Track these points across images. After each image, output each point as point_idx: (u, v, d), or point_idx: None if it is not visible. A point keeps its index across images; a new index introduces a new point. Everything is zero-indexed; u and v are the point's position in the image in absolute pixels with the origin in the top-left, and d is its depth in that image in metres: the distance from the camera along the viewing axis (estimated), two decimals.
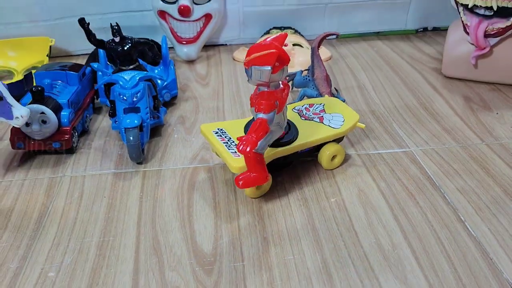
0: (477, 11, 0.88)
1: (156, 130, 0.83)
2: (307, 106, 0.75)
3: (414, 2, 1.21)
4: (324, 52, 1.13)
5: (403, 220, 0.61)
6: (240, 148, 0.56)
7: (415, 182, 0.68)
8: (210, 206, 0.65)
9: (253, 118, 0.60)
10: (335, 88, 0.95)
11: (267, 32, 1.17)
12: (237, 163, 0.63)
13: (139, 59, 0.84)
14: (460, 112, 0.87)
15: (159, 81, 0.87)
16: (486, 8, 0.86)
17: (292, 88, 0.94)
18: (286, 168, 0.71)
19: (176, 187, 0.69)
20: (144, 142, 0.74)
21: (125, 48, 0.79)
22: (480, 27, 0.88)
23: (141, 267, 0.55)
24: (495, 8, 0.84)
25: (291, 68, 0.99)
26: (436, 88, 0.96)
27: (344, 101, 0.88)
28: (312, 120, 0.72)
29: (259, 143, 0.57)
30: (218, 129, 0.70)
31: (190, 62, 1.13)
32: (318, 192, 0.67)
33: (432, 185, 0.68)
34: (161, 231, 0.61)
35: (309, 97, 0.84)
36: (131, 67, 0.79)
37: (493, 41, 0.90)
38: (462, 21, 0.91)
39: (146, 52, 0.90)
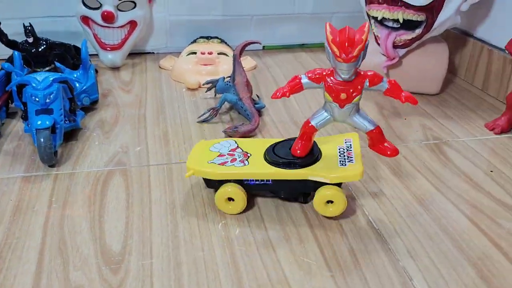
0: (386, 23, 0.94)
1: (72, 134, 0.81)
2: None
3: (336, 17, 1.27)
4: (249, 61, 1.16)
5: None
6: (416, 102, 0.58)
7: None
8: (123, 207, 0.64)
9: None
10: (256, 95, 0.98)
11: (194, 41, 1.19)
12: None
13: (57, 63, 0.83)
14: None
15: (77, 84, 0.85)
16: (394, 20, 0.92)
17: (215, 95, 0.95)
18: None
19: (89, 189, 0.67)
20: (56, 144, 0.72)
21: (39, 49, 0.77)
22: (389, 39, 0.94)
23: (44, 268, 0.53)
24: (401, 21, 0.91)
25: (215, 75, 1.01)
26: None
27: (264, 107, 0.91)
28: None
29: (369, 119, 0.61)
30: None
31: (115, 69, 1.12)
32: None
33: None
34: (69, 232, 0.59)
35: (229, 101, 0.86)
36: (46, 69, 0.78)
37: (401, 52, 0.96)
38: (374, 33, 0.98)
39: (65, 56, 0.89)
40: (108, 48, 1.10)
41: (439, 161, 0.78)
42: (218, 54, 1.10)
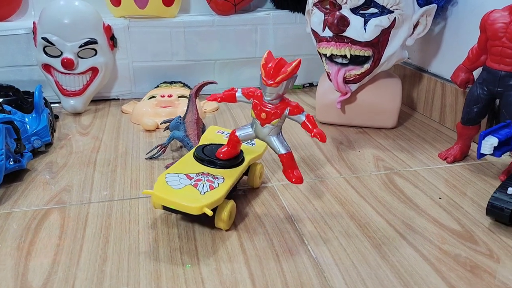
0: (335, 60, 0.96)
1: (18, 175, 0.80)
2: None
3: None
4: (211, 104, 1.17)
5: (249, 249, 0.62)
6: (325, 140, 0.62)
7: (268, 212, 0.70)
8: (54, 244, 0.62)
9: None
10: None
11: (157, 86, 1.20)
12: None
13: (5, 106, 0.83)
14: (326, 152, 0.91)
15: (27, 126, 0.86)
16: (342, 56, 0.94)
17: (168, 130, 0.95)
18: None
19: (22, 227, 0.66)
20: None
21: None
22: (339, 74, 0.95)
23: None
24: (349, 56, 0.93)
25: (173, 116, 1.01)
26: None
27: None
28: None
29: (285, 143, 0.66)
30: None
31: (77, 114, 1.13)
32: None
33: (285, 214, 0.70)
34: None
35: (177, 138, 0.86)
36: None
37: (354, 87, 0.98)
38: (325, 70, 0.99)
39: (18, 100, 0.90)
40: (70, 94, 1.11)
41: (387, 190, 0.77)
42: (179, 97, 1.11)
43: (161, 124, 1.00)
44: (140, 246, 0.62)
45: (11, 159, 0.77)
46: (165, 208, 0.63)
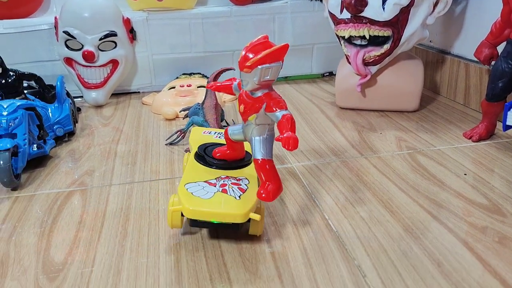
0: (354, 42, 0.95)
1: (41, 161, 0.81)
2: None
3: (316, 49, 1.29)
4: None
5: (267, 222, 0.61)
6: (291, 148, 0.48)
7: (289, 191, 0.69)
8: (75, 222, 0.63)
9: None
10: (232, 120, 0.98)
11: (177, 78, 1.21)
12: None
13: (29, 95, 0.85)
14: (347, 134, 0.90)
15: (50, 114, 0.88)
16: (361, 37, 0.93)
17: (187, 118, 0.95)
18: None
19: (45, 208, 0.67)
20: (18, 167, 0.73)
21: (9, 80, 0.80)
22: (358, 56, 0.94)
23: None
24: (367, 37, 0.91)
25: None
26: (330, 117, 1.00)
27: None
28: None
29: (267, 147, 0.54)
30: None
31: (98, 107, 1.14)
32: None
33: (305, 192, 0.69)
34: (15, 246, 0.58)
35: (195, 123, 0.86)
36: (17, 99, 0.80)
37: (373, 69, 0.96)
38: (345, 53, 0.98)
39: (43, 92, 0.92)
40: (92, 87, 1.13)
41: (410, 168, 0.75)
42: (198, 87, 1.12)
43: (180, 112, 1.00)
44: (160, 223, 0.62)
45: (34, 145, 0.78)
46: (194, 224, 0.55)
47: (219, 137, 0.69)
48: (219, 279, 0.51)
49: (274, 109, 0.52)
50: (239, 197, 0.55)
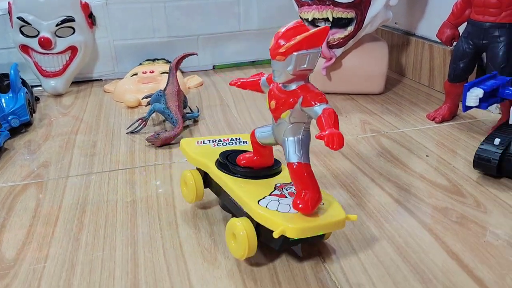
0: (318, 24, 0.93)
1: None
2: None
3: None
4: (196, 79, 1.15)
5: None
6: (335, 147, 0.41)
7: None
8: (29, 216, 0.60)
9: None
10: (196, 106, 0.96)
11: (140, 64, 1.18)
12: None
13: None
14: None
15: (3, 105, 0.84)
16: (324, 20, 0.91)
17: (148, 105, 0.93)
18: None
19: None
20: None
21: None
22: None
23: None
24: (331, 19, 0.90)
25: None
26: None
27: (197, 116, 0.89)
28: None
29: (303, 150, 0.46)
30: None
31: (58, 96, 1.10)
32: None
33: None
34: None
35: (157, 110, 0.84)
36: None
37: (338, 52, 0.95)
38: None
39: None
40: (50, 75, 1.09)
41: (374, 151, 0.75)
42: (161, 73, 1.09)
43: (142, 99, 0.98)
44: (118, 214, 0.60)
45: None
46: (285, 244, 0.48)
47: (217, 145, 0.60)
48: (177, 270, 0.49)
49: (313, 103, 0.44)
50: (322, 202, 0.48)
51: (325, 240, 0.53)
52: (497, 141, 0.63)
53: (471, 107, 0.68)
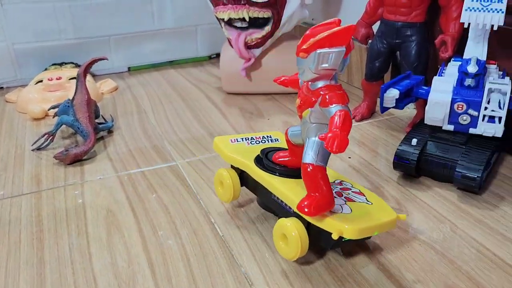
0: (234, 24, 0.91)
1: None
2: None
3: (200, 30, 1.23)
4: (109, 83, 1.08)
5: (148, 232, 0.56)
6: (335, 149, 0.39)
7: (172, 193, 0.64)
8: None
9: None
10: (110, 115, 0.90)
11: (46, 70, 1.08)
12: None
13: None
14: (234, 123, 0.87)
15: None
16: (241, 20, 0.89)
17: (56, 116, 0.85)
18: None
19: None
20: None
21: None
22: (240, 39, 0.90)
23: None
24: (247, 19, 0.88)
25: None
26: (216, 104, 0.96)
27: (110, 127, 0.83)
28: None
29: (320, 152, 0.44)
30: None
31: None
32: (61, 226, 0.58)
33: (190, 193, 0.64)
34: None
35: (65, 123, 0.77)
36: None
37: (257, 52, 0.93)
38: (226, 37, 0.94)
39: None
40: None
41: None
42: (70, 79, 1.00)
43: (49, 110, 0.89)
44: (22, 249, 0.53)
45: None
46: (335, 244, 0.47)
47: (250, 143, 0.59)
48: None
49: (329, 103, 0.43)
50: (370, 202, 0.48)
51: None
52: (414, 141, 0.64)
53: (388, 108, 0.68)
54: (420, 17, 0.74)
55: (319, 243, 0.48)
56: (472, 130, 0.63)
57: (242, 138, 0.60)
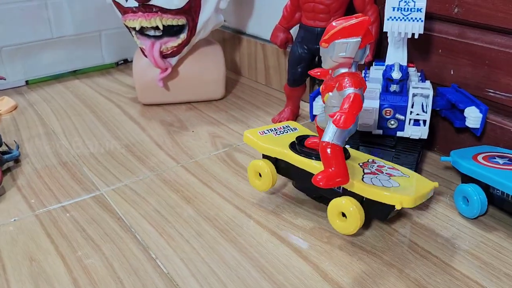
0: (147, 33, 0.85)
1: None
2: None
3: (105, 36, 1.15)
4: (6, 102, 0.96)
5: (83, 281, 0.50)
6: (341, 125, 0.46)
7: (103, 229, 0.58)
8: None
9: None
10: (14, 141, 0.80)
11: None
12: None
13: None
14: (157, 139, 0.82)
15: None
16: (154, 28, 0.83)
17: None
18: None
19: None
20: None
21: None
22: (155, 49, 0.85)
23: None
24: (161, 28, 0.83)
25: None
26: (134, 118, 0.90)
27: (17, 156, 0.74)
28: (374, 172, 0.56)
29: (337, 132, 0.49)
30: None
31: None
32: None
33: (123, 227, 0.59)
34: None
35: None
36: None
37: (173, 60, 0.88)
38: (139, 46, 0.88)
39: None
40: None
41: (230, 170, 0.71)
42: None
43: None
44: None
45: None
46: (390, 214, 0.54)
47: (277, 134, 0.63)
48: None
49: (345, 86, 0.48)
50: (407, 175, 0.55)
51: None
52: (347, 147, 0.65)
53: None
54: None
55: (375, 217, 0.57)
56: (400, 133, 0.65)
57: (268, 130, 0.64)
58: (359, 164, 0.57)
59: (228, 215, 0.61)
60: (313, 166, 0.56)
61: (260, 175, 0.61)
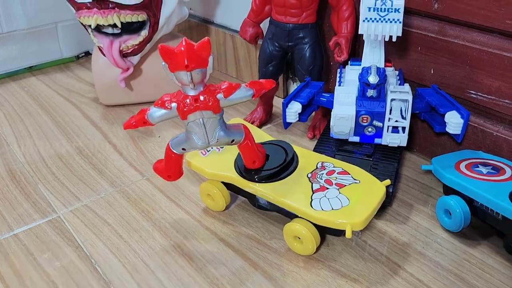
0: (105, 30, 0.78)
1: None
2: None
3: (61, 28, 1.06)
4: None
5: None
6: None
7: (60, 262, 0.53)
8: None
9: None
10: None
11: None
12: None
13: None
14: (120, 146, 0.76)
15: None
16: (111, 26, 0.76)
17: None
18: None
19: None
20: None
21: None
22: (114, 48, 0.78)
23: None
24: (119, 25, 0.76)
25: None
26: (95, 122, 0.84)
27: None
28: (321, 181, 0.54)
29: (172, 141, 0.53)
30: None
31: None
32: None
33: (82, 258, 0.54)
34: None
35: None
36: None
37: (135, 59, 0.82)
38: (96, 45, 0.81)
39: None
40: None
41: (198, 179, 0.67)
42: None
43: None
44: None
45: None
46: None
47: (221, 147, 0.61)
48: None
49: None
50: (357, 180, 0.54)
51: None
52: None
53: (291, 122, 0.64)
54: (311, 17, 0.70)
55: (330, 234, 0.55)
56: (377, 140, 0.61)
57: (207, 150, 0.61)
58: (307, 175, 0.55)
59: (198, 238, 0.56)
60: (273, 196, 0.53)
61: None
